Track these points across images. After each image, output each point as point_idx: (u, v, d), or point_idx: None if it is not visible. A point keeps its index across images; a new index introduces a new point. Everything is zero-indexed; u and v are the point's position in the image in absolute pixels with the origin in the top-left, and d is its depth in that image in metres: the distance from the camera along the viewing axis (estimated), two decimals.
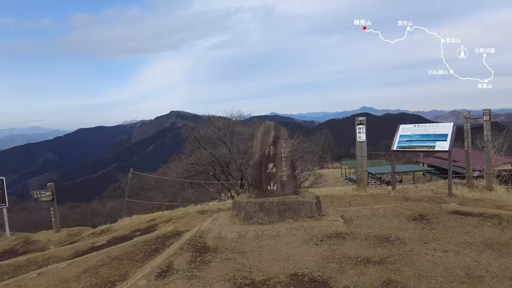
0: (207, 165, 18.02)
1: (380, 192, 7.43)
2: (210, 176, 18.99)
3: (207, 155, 18.34)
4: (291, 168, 5.84)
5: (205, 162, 18.14)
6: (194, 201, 25.52)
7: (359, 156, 7.70)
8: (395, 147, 7.14)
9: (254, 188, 5.81)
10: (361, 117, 7.66)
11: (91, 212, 72.77)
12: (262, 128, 5.86)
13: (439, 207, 6.02)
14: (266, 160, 5.73)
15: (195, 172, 18.37)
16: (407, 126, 7.35)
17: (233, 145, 18.48)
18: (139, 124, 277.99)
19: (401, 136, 7.24)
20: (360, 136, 7.69)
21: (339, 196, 7.52)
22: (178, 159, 18.53)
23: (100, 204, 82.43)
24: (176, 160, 18.52)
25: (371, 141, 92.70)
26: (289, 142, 5.85)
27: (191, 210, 7.85)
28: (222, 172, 18.94)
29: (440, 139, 6.61)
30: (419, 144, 6.83)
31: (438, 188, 7.35)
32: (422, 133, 6.96)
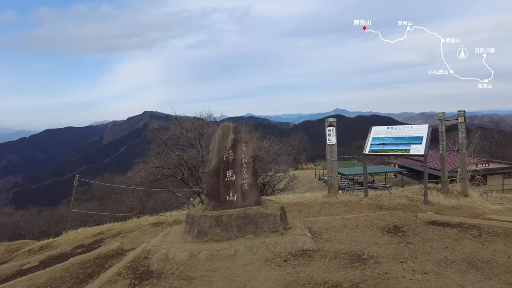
0: (174, 168, 17.09)
1: (351, 199, 6.89)
2: (178, 180, 18.07)
3: (174, 158, 17.41)
4: (252, 175, 5.15)
5: (172, 165, 17.20)
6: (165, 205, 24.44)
7: (330, 160, 7.14)
8: (367, 151, 6.62)
9: (210, 199, 5.08)
10: (331, 118, 7.10)
11: (57, 217, 69.49)
12: (220, 130, 5.15)
13: (415, 216, 5.53)
14: (224, 166, 5.02)
15: (162, 175, 17.39)
16: (379, 128, 6.86)
17: (203, 147, 17.65)
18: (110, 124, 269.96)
19: (373, 139, 6.73)
20: (330, 139, 7.13)
21: (308, 203, 6.92)
22: (143, 162, 17.48)
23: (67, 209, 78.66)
24: (140, 163, 17.46)
25: (344, 142, 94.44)
26: (250, 146, 5.16)
27: (145, 222, 7.02)
28: (191, 175, 18.07)
29: (415, 142, 6.15)
30: (392, 148, 6.34)
31: (413, 194, 6.90)
32: (395, 135, 6.49)
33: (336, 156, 7.15)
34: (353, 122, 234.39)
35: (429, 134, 6.16)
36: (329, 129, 7.12)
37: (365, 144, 6.91)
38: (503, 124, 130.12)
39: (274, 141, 20.61)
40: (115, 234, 6.59)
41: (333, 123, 7.14)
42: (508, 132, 70.28)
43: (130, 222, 7.23)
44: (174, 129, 17.42)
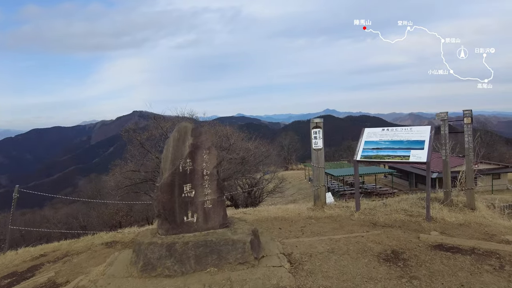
0: (153, 171, 15.95)
1: (341, 213, 5.90)
2: None
3: (154, 160, 16.27)
4: (217, 190, 4.10)
5: (150, 168, 16.07)
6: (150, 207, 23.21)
7: (315, 167, 6.14)
8: (358, 157, 5.64)
9: (163, 221, 4.02)
10: (317, 119, 6.11)
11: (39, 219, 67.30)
12: (175, 133, 4.08)
13: (417, 237, 4.55)
14: (180, 179, 3.96)
15: (139, 179, 16.24)
16: (373, 130, 5.89)
17: None
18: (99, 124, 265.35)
19: (366, 142, 5.75)
20: (316, 143, 6.13)
21: (291, 218, 5.90)
22: (120, 165, 16.32)
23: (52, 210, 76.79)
24: (117, 166, 16.29)
25: (335, 142, 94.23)
26: (214, 153, 4.10)
27: (98, 240, 5.92)
28: None
29: (415, 146, 5.19)
30: (389, 154, 5.38)
31: (412, 207, 5.94)
32: (392, 139, 5.52)
33: (323, 162, 6.16)
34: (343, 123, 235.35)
35: (431, 138, 5.21)
36: (315, 131, 6.12)
37: (356, 147, 5.96)
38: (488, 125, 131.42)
39: (260, 142, 19.64)
40: (59, 256, 5.48)
41: (319, 124, 6.14)
42: (494, 133, 70.54)
43: (82, 240, 6.13)
44: (153, 130, 16.30)
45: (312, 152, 6.16)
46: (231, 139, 16.47)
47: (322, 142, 6.15)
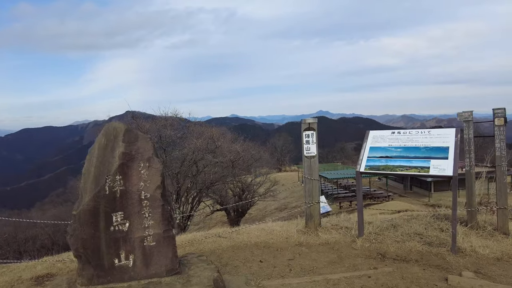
0: None
1: (339, 239, 4.67)
2: None
3: None
4: (163, 221, 2.84)
5: None
6: None
7: (308, 179, 4.91)
8: (362, 167, 4.42)
9: (85, 265, 2.76)
10: (311, 119, 4.87)
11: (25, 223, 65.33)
12: (102, 138, 2.81)
13: (443, 281, 3.34)
14: (107, 205, 2.71)
15: None
16: (380, 134, 4.67)
17: (166, 152, 15.26)
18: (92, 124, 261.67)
19: (372, 149, 4.53)
20: (308, 148, 4.90)
21: (276, 245, 4.66)
22: None
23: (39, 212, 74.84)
24: None
25: (328, 144, 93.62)
26: (157, 166, 2.84)
27: (28, 273, 4.61)
28: None
29: (437, 155, 4.00)
30: (402, 164, 4.17)
31: (427, 229, 4.73)
32: (405, 144, 4.32)
33: (317, 172, 4.92)
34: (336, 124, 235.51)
35: (458, 144, 4.01)
36: (307, 133, 4.88)
37: (359, 155, 4.76)
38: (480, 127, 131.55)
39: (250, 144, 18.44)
40: None
41: (312, 125, 4.90)
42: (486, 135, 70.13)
43: (6, 272, 4.81)
44: None
45: (304, 160, 4.92)
46: (217, 141, 15.23)
47: (316, 148, 4.92)
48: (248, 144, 18.57)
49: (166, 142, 14.94)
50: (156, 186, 2.77)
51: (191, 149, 14.39)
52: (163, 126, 14.67)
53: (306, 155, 4.88)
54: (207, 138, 15.23)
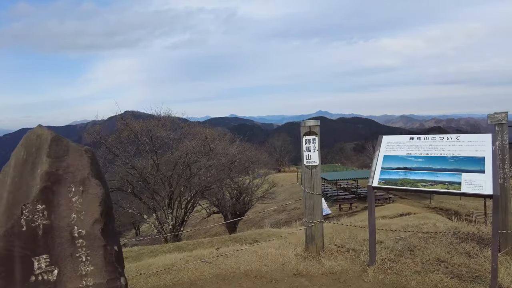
0: (120, 180, 13.83)
1: (346, 267, 3.87)
2: (129, 194, 14.81)
3: (123, 167, 14.17)
4: (106, 266, 2.03)
5: (118, 177, 13.95)
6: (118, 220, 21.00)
7: (309, 194, 4.09)
8: (375, 181, 3.61)
9: None
10: (312, 121, 4.05)
11: None
12: (21, 150, 2.02)
13: None
14: (25, 245, 1.92)
15: None
16: (396, 140, 3.86)
17: (158, 154, 14.48)
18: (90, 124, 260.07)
19: (386, 158, 3.73)
20: (309, 156, 4.08)
21: (269, 275, 3.85)
22: None
23: None
24: None
25: (327, 144, 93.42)
26: (97, 190, 2.03)
27: None
28: (145, 188, 14.83)
29: (470, 167, 3.20)
30: (425, 178, 3.36)
31: (452, 253, 3.93)
32: (428, 153, 3.51)
33: (319, 185, 4.10)
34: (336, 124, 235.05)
35: (496, 153, 3.22)
36: (307, 139, 4.08)
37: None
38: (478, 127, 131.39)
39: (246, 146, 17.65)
40: None
41: (314, 128, 4.08)
42: None
43: None
44: (121, 132, 14.18)
45: (303, 171, 4.11)
46: (212, 143, 14.43)
47: (319, 155, 4.11)
48: (245, 145, 17.78)
49: (157, 144, 14.16)
50: (94, 220, 1.98)
51: (183, 151, 13.63)
52: (154, 127, 13.88)
53: (306, 164, 4.07)
54: (201, 139, 14.44)
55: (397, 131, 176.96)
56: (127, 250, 13.54)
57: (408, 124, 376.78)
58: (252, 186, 22.00)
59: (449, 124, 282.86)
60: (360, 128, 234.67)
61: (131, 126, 13.58)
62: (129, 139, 14.03)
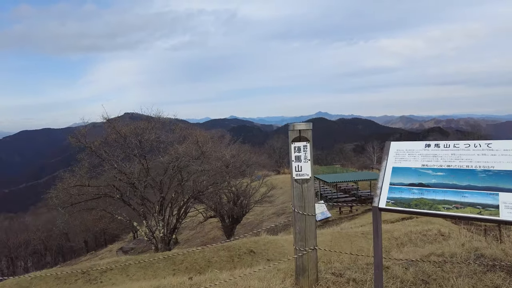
0: (107, 185, 13.05)
1: None
2: (117, 200, 14.03)
3: (110, 172, 13.40)
4: None
5: (104, 182, 13.18)
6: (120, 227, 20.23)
7: (299, 215, 3.29)
8: (382, 202, 2.81)
9: None
10: (303, 124, 3.23)
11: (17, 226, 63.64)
12: None
13: None
14: None
15: (92, 195, 13.31)
16: (407, 147, 3.04)
17: (147, 158, 13.71)
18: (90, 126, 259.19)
19: (395, 171, 2.92)
20: (299, 167, 3.27)
21: None
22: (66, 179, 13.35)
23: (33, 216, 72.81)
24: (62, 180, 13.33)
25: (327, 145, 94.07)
26: None
27: None
28: (134, 194, 14.06)
29: (510, 185, 2.45)
30: (448, 198, 2.57)
31: (477, 280, 3.16)
32: (450, 165, 2.71)
33: (312, 205, 3.29)
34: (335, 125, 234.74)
35: None
36: (297, 146, 3.28)
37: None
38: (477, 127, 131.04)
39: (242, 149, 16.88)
40: None
41: (305, 133, 3.27)
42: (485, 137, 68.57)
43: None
44: (109, 135, 13.41)
45: (293, 186, 3.31)
46: (203, 146, 13.65)
47: (311, 167, 3.32)
48: (240, 148, 17.02)
49: (147, 147, 13.38)
50: None
51: (173, 155, 12.87)
52: (143, 130, 13.11)
53: (296, 177, 3.28)
54: (192, 142, 13.66)
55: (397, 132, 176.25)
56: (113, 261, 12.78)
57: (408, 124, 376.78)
58: (250, 189, 21.37)
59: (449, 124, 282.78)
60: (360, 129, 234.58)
61: (118, 129, 12.81)
62: (117, 142, 13.26)
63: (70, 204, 12.66)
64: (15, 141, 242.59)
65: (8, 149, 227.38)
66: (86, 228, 44.13)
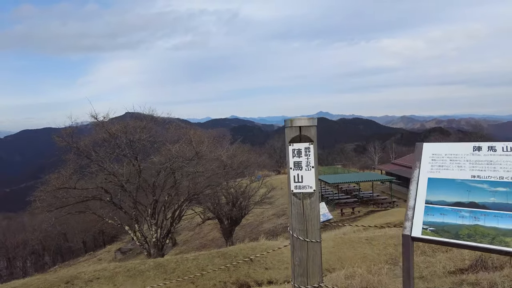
0: (96, 188, 12.26)
1: None
2: (107, 203, 13.24)
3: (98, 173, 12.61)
4: None
5: (93, 185, 12.38)
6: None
7: (299, 241, 2.44)
8: (416, 229, 2.00)
9: None
10: (304, 119, 2.43)
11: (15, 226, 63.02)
12: None
13: None
14: None
15: (81, 198, 12.51)
16: (448, 149, 2.23)
17: (139, 159, 12.91)
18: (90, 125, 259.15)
19: (432, 184, 2.13)
20: (299, 177, 2.44)
21: None
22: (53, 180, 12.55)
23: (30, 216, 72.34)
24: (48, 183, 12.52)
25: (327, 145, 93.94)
26: None
27: None
28: (125, 196, 13.27)
29: None
30: None
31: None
32: None
33: (318, 229, 2.47)
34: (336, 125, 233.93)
35: None
36: (297, 149, 2.46)
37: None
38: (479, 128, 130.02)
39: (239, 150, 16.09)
40: None
41: (308, 131, 2.45)
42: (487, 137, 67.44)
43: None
44: (98, 134, 12.62)
45: (291, 203, 2.47)
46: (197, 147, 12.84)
47: (315, 176, 2.48)
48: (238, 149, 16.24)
49: (138, 148, 12.59)
50: None
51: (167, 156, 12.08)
52: (134, 129, 12.31)
53: (294, 191, 2.46)
54: (185, 142, 12.87)
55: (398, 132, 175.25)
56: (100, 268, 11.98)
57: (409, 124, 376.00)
58: (249, 190, 20.68)
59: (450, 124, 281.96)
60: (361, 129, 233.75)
61: (107, 127, 12.01)
62: (105, 141, 12.48)
63: (55, 208, 11.88)
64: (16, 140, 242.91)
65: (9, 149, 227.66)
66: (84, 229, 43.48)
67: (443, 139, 67.13)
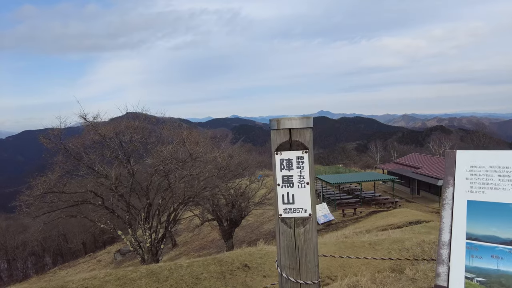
0: (86, 191, 11.67)
1: None
2: (99, 206, 12.66)
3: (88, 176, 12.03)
4: None
5: (83, 188, 11.80)
6: None
7: (290, 283, 1.86)
8: (457, 280, 1.42)
9: None
10: (296, 119, 1.84)
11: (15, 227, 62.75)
12: None
13: None
14: None
15: (71, 202, 11.93)
16: (492, 159, 1.63)
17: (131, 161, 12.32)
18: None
19: (474, 209, 1.56)
20: (290, 197, 1.87)
21: None
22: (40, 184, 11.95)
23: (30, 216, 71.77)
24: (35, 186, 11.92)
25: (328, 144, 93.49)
26: None
27: None
28: (118, 200, 12.68)
29: None
30: None
31: None
32: None
33: (315, 266, 1.89)
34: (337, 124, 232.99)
35: None
36: (286, 159, 1.88)
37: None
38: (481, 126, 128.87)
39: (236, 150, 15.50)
40: None
41: (300, 135, 1.88)
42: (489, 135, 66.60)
43: None
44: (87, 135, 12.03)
45: (279, 231, 1.87)
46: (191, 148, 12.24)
47: (312, 195, 1.88)
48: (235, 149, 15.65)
49: (130, 149, 12.00)
50: None
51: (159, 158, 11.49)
52: (125, 129, 11.71)
53: (283, 215, 1.86)
54: (179, 144, 12.27)
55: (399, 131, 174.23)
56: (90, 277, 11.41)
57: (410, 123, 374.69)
58: (248, 191, 20.15)
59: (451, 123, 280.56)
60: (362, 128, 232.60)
61: (97, 128, 11.42)
62: (96, 143, 11.90)
63: (43, 213, 11.31)
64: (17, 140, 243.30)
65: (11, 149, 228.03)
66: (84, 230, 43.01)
67: (445, 138, 66.30)
